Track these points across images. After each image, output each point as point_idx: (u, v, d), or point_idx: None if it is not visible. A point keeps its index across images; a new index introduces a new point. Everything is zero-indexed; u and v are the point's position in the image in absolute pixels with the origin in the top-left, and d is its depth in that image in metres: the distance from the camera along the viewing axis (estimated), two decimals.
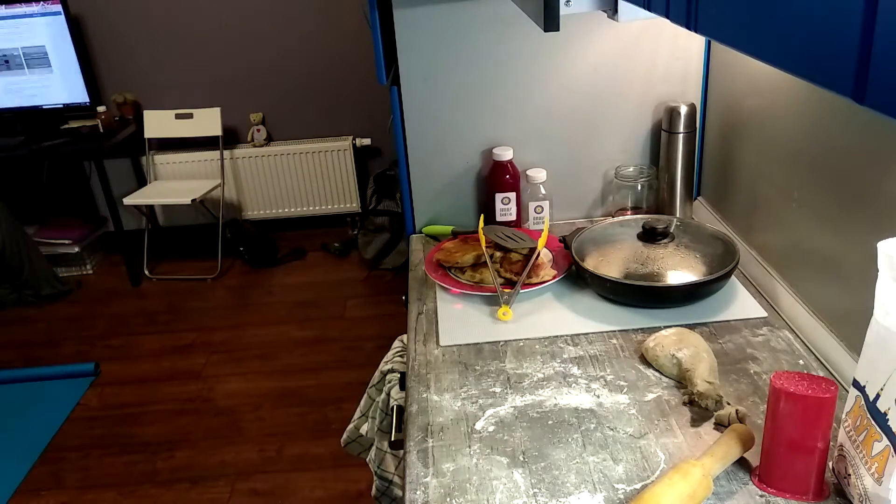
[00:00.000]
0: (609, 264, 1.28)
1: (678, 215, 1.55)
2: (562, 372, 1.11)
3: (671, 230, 1.34)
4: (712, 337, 1.17)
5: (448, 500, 0.89)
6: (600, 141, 1.59)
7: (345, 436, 1.57)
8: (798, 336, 1.16)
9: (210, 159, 3.79)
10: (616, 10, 0.88)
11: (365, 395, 1.51)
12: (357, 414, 1.53)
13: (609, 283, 1.25)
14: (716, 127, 1.53)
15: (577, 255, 1.32)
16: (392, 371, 1.39)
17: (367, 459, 1.53)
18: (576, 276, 1.36)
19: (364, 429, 1.51)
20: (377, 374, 1.45)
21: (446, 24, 1.48)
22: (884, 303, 0.75)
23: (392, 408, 1.33)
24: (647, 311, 1.24)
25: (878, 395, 0.76)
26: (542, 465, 0.93)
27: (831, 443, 0.84)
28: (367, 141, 3.85)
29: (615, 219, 1.47)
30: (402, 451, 1.15)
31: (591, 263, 1.29)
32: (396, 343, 1.46)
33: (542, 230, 1.45)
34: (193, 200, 3.44)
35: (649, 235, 1.33)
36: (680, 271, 1.25)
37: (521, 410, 1.04)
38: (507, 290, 1.31)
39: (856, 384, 0.81)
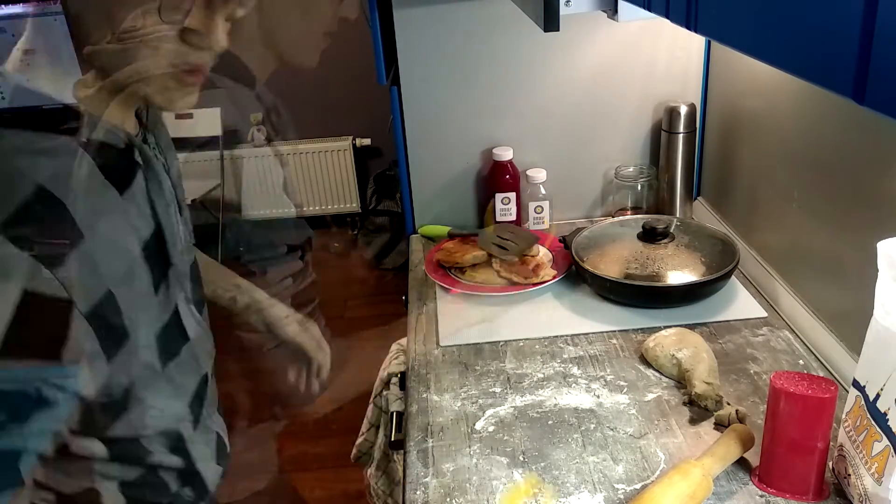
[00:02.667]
0: (609, 264, 1.28)
1: (678, 215, 1.54)
2: (562, 372, 1.11)
3: (671, 230, 1.34)
4: (712, 337, 1.17)
5: (448, 500, 0.89)
6: (600, 141, 1.59)
7: (354, 450, 1.56)
8: (798, 336, 1.16)
9: (210, 159, 3.78)
10: (616, 10, 0.88)
11: (371, 406, 1.50)
12: (365, 426, 1.53)
13: (609, 283, 1.25)
14: (716, 127, 1.53)
15: (577, 255, 1.32)
16: (392, 375, 1.39)
17: (368, 473, 1.52)
18: (576, 276, 1.36)
19: (375, 439, 1.50)
20: (378, 382, 1.45)
21: (446, 24, 1.48)
22: (884, 303, 0.75)
23: (392, 413, 1.32)
24: (648, 311, 1.24)
25: (878, 395, 0.76)
26: (542, 465, 0.93)
27: (831, 443, 0.84)
28: (367, 141, 3.85)
29: (615, 219, 1.47)
30: (402, 452, 1.15)
31: (590, 263, 1.29)
32: (394, 347, 1.46)
33: (544, 229, 1.45)
34: (193, 200, 3.44)
35: (649, 235, 1.33)
36: (680, 271, 1.25)
37: (521, 410, 1.04)
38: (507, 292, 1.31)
39: (856, 384, 0.81)
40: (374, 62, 1.47)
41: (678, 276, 1.24)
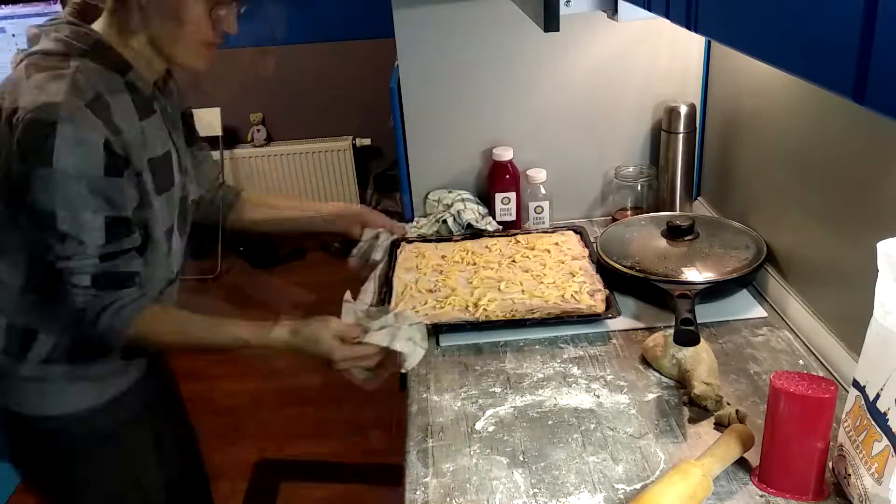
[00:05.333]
0: (634, 261, 1.30)
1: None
2: (562, 372, 1.11)
3: (695, 228, 1.35)
4: (712, 337, 1.17)
5: (448, 500, 0.89)
6: (600, 141, 1.59)
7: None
8: (798, 336, 1.16)
9: None
10: (616, 10, 0.88)
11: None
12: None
13: (654, 284, 1.25)
14: (716, 127, 1.53)
15: (607, 254, 1.34)
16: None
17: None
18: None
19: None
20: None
21: (446, 25, 1.48)
22: (884, 303, 0.75)
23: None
24: (647, 311, 1.24)
25: (878, 395, 0.76)
26: (542, 465, 0.93)
27: (831, 443, 0.84)
28: (367, 141, 3.84)
29: (639, 216, 1.48)
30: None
31: (618, 261, 1.31)
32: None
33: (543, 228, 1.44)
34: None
35: (674, 233, 1.34)
36: (706, 269, 1.25)
37: (520, 410, 1.04)
38: None
39: (856, 384, 0.81)
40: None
41: (705, 273, 1.24)
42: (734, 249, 1.30)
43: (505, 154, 1.53)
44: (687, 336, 1.04)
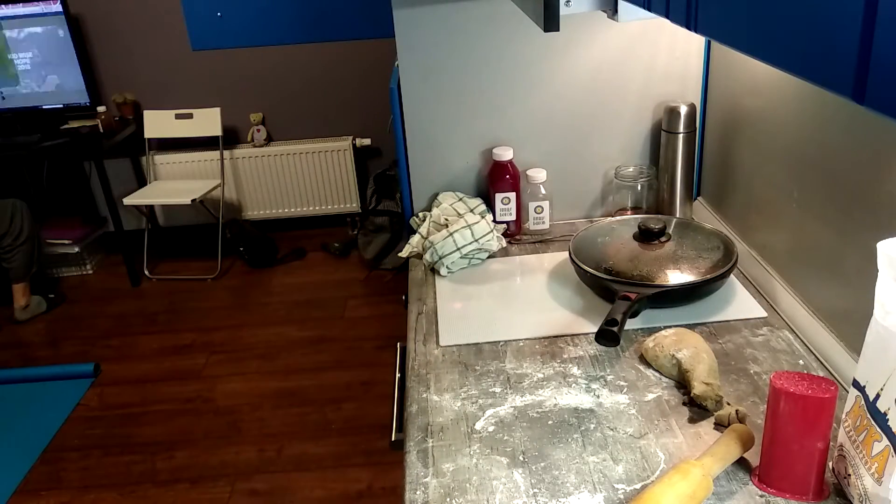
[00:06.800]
0: (607, 264, 1.28)
1: (678, 215, 1.55)
2: (562, 372, 1.11)
3: (668, 230, 1.34)
4: (712, 337, 1.17)
5: (448, 500, 0.89)
6: (600, 141, 1.59)
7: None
8: (798, 336, 1.16)
9: (210, 159, 3.79)
10: (616, 10, 0.88)
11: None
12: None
13: (606, 283, 1.25)
14: (716, 127, 1.53)
15: (576, 254, 1.32)
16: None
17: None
18: (575, 276, 1.36)
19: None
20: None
21: (446, 24, 1.48)
22: (884, 303, 0.75)
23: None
24: (647, 311, 1.24)
25: (878, 395, 0.76)
26: (542, 465, 0.93)
27: (831, 443, 0.84)
28: (367, 141, 3.85)
29: (614, 218, 1.47)
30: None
31: (588, 263, 1.29)
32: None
33: (543, 229, 1.43)
34: (193, 200, 3.44)
35: (646, 235, 1.33)
36: (678, 271, 1.25)
37: (520, 410, 1.04)
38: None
39: (856, 384, 0.81)
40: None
41: (676, 275, 1.24)
42: (706, 251, 1.29)
43: (505, 154, 1.53)
44: (606, 335, 1.08)
